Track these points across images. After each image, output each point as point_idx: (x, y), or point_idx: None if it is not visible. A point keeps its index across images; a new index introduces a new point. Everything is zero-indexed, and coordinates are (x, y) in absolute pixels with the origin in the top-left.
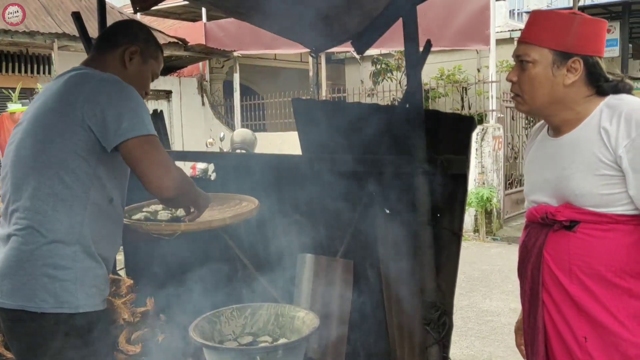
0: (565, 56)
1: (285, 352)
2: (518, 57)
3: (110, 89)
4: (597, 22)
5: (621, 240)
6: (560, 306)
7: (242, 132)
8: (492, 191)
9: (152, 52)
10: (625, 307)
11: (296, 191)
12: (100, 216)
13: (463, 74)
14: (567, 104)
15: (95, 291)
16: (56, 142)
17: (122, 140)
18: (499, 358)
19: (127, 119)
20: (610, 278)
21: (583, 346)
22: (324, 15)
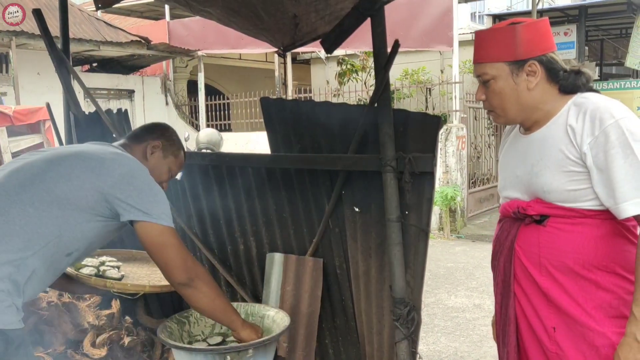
0: (520, 63)
1: (256, 351)
2: (479, 78)
3: (145, 178)
4: (537, 23)
5: (589, 234)
6: (530, 297)
7: (208, 132)
8: (456, 190)
9: (173, 150)
10: (592, 298)
11: (265, 190)
12: (50, 259)
13: (427, 75)
14: (536, 105)
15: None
16: (73, 182)
17: (147, 220)
18: (464, 353)
19: (156, 206)
20: (578, 270)
21: (552, 336)
22: (292, 14)
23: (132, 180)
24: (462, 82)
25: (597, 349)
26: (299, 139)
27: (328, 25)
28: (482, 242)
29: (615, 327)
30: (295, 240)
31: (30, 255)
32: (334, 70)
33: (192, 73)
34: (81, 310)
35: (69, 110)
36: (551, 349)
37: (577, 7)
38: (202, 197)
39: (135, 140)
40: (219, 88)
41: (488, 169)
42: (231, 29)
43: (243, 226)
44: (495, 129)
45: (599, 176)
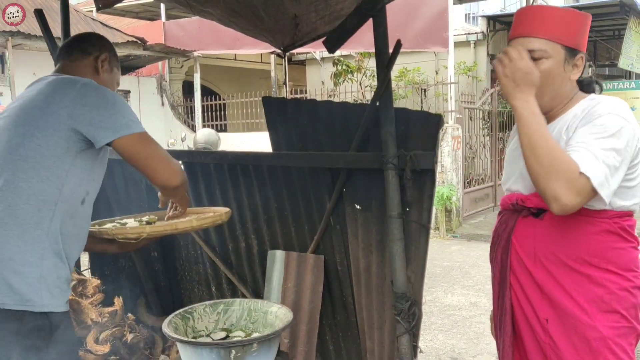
0: (574, 53)
1: (260, 346)
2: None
3: (95, 91)
4: (589, 18)
5: (583, 230)
6: (525, 289)
7: (205, 132)
8: (451, 190)
9: (115, 61)
10: (584, 292)
11: (266, 188)
12: (69, 214)
13: (422, 76)
14: (563, 99)
15: (59, 292)
16: (36, 136)
17: (119, 136)
18: (462, 350)
19: (120, 117)
20: (572, 265)
21: (545, 327)
22: (292, 14)
23: (85, 100)
24: (457, 83)
25: (588, 342)
26: (300, 137)
27: (328, 25)
28: (478, 242)
29: (607, 321)
30: (297, 237)
31: (50, 223)
32: (329, 71)
33: (188, 74)
34: (84, 308)
35: None
36: (544, 339)
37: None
38: (203, 195)
39: (76, 58)
40: (214, 89)
41: (483, 169)
42: (228, 29)
43: (244, 224)
44: (490, 129)
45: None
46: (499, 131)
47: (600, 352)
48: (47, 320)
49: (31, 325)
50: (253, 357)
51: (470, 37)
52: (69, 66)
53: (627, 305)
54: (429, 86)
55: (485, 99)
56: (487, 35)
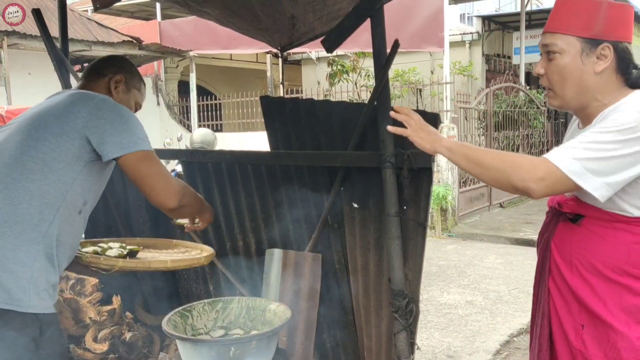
0: (595, 43)
1: (259, 343)
2: (544, 47)
3: (112, 107)
4: (624, 6)
5: (622, 239)
6: (563, 293)
7: (202, 132)
8: (447, 189)
9: (135, 82)
10: (619, 300)
11: (264, 187)
12: (68, 222)
13: (417, 75)
14: (595, 94)
15: (46, 295)
16: (49, 140)
17: (125, 153)
18: (457, 348)
19: (129, 134)
20: (607, 274)
21: (579, 333)
22: (290, 14)
23: (100, 113)
24: (452, 83)
25: (618, 351)
26: (298, 136)
27: (325, 25)
28: (473, 241)
29: (638, 332)
30: (294, 235)
31: (48, 226)
32: (324, 71)
33: (183, 73)
34: (82, 306)
35: None
36: (576, 345)
37: None
38: (201, 194)
39: (94, 78)
40: (209, 88)
41: None
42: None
43: (242, 223)
44: (485, 129)
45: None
46: (494, 131)
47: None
48: (33, 322)
49: (17, 325)
50: (252, 354)
51: (465, 37)
52: (87, 85)
53: None
54: (424, 86)
55: (480, 99)
56: (482, 35)
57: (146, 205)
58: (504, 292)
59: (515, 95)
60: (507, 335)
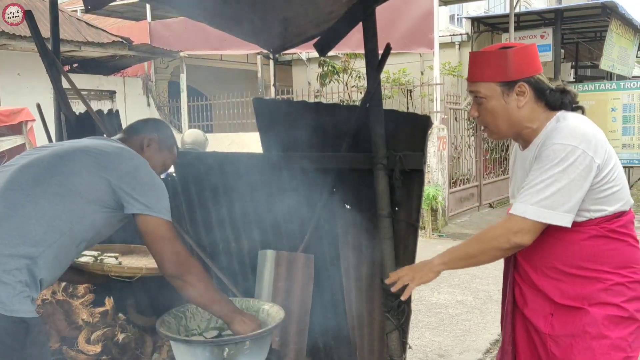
0: (511, 84)
1: (252, 343)
2: (472, 94)
3: (148, 171)
4: (526, 47)
5: (573, 238)
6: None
7: (193, 133)
8: (437, 190)
9: (168, 144)
10: (581, 288)
11: (257, 188)
12: (63, 251)
13: (407, 76)
14: (524, 123)
15: (29, 301)
16: (82, 176)
17: (150, 214)
18: (448, 347)
19: (159, 200)
20: (567, 270)
21: (549, 320)
22: (282, 17)
23: (137, 173)
24: (442, 84)
25: (583, 326)
26: (291, 138)
27: (317, 28)
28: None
29: (601, 309)
30: (287, 237)
31: (47, 248)
32: (315, 71)
33: (173, 74)
34: (75, 308)
35: (60, 110)
36: (545, 330)
37: (554, 10)
38: (194, 196)
39: (132, 134)
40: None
41: (468, 169)
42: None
43: (235, 224)
44: (475, 130)
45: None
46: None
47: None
48: (19, 324)
49: (2, 327)
50: (246, 354)
51: (455, 38)
52: (125, 140)
53: (624, 298)
54: (414, 87)
55: (470, 100)
56: (471, 37)
57: None
58: (493, 291)
59: None
60: (497, 334)
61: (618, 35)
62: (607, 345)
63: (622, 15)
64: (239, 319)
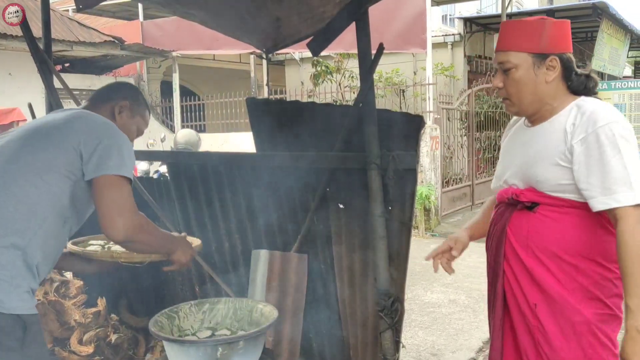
0: (543, 56)
1: (246, 343)
2: (501, 65)
3: (109, 129)
4: (562, 22)
5: (573, 223)
6: (517, 276)
7: (186, 133)
8: (430, 189)
9: (140, 110)
10: (572, 280)
11: (250, 188)
12: (52, 234)
13: (400, 76)
14: (547, 99)
15: (28, 297)
16: (49, 151)
17: (100, 175)
18: (441, 346)
19: (113, 158)
20: (561, 255)
21: (534, 311)
22: (275, 17)
23: (99, 134)
24: (435, 84)
25: (573, 325)
26: (284, 138)
27: (310, 28)
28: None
29: (591, 307)
30: (280, 236)
31: (34, 235)
32: (308, 71)
33: (166, 74)
34: (67, 309)
35: (52, 110)
36: (533, 322)
37: (545, 10)
38: (187, 196)
39: (100, 101)
40: (192, 89)
41: (461, 169)
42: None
43: (228, 224)
44: (467, 130)
45: (584, 169)
46: (476, 131)
47: (583, 334)
48: (17, 322)
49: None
50: (239, 354)
51: (447, 38)
52: (92, 108)
53: (610, 295)
54: (407, 87)
55: (462, 100)
56: (463, 37)
57: None
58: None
59: (496, 96)
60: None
61: (609, 35)
62: (598, 345)
63: (613, 16)
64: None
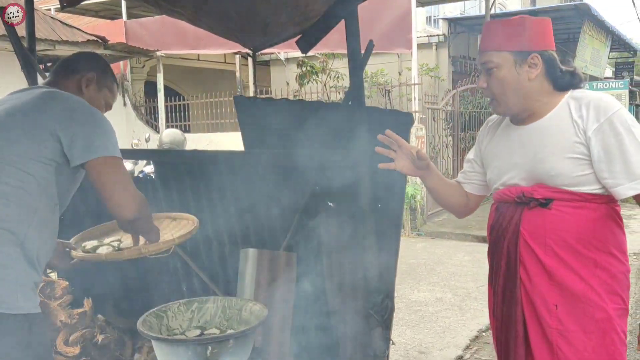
0: (524, 55)
1: (236, 342)
2: (484, 65)
3: (84, 110)
4: (543, 20)
5: (588, 216)
6: (533, 278)
7: (171, 133)
8: (416, 189)
9: (107, 82)
10: (593, 274)
11: (238, 186)
12: (44, 224)
13: (386, 76)
14: (534, 96)
15: (32, 295)
16: (22, 142)
17: (91, 158)
18: (429, 344)
19: (97, 139)
20: (579, 249)
21: (553, 313)
22: (263, 15)
23: (74, 114)
24: (420, 84)
25: (596, 322)
26: (272, 136)
27: (298, 26)
28: (442, 239)
29: (612, 302)
30: (269, 235)
31: (28, 228)
32: (293, 72)
33: (150, 74)
34: (53, 309)
35: None
36: (552, 324)
37: (527, 12)
38: (174, 194)
39: (65, 75)
40: (177, 89)
41: (446, 169)
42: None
43: (216, 223)
44: (452, 129)
45: (605, 158)
46: (461, 131)
47: (607, 332)
48: (23, 322)
49: (6, 326)
50: (229, 353)
51: (432, 39)
52: (57, 82)
53: (624, 288)
54: (392, 87)
55: (447, 100)
56: (448, 38)
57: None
58: (472, 288)
59: (481, 97)
60: (476, 330)
61: (590, 36)
62: (618, 341)
63: (595, 17)
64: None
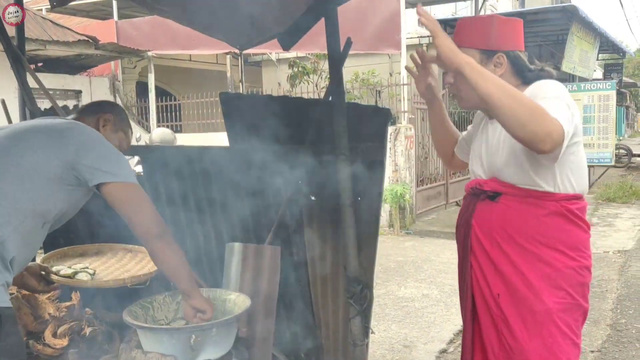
0: (490, 53)
1: (219, 330)
2: None
3: (103, 141)
4: (513, 20)
5: (534, 212)
6: (482, 267)
7: (161, 132)
8: (405, 188)
9: (123, 125)
10: (534, 269)
11: (223, 181)
12: (30, 233)
13: (376, 77)
14: None
15: (3, 291)
16: (38, 155)
17: (116, 181)
18: (414, 338)
19: (120, 167)
20: (523, 244)
21: (497, 301)
22: (248, 14)
23: (94, 144)
24: (410, 84)
25: (534, 314)
26: (256, 131)
27: (283, 25)
28: (430, 238)
29: (553, 296)
30: (254, 229)
31: (11, 231)
32: (285, 72)
33: (141, 74)
34: (41, 303)
35: (25, 106)
36: (496, 312)
37: (516, 13)
38: (161, 189)
39: (85, 114)
40: (168, 89)
41: (435, 168)
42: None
43: (202, 218)
44: None
45: None
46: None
47: (544, 324)
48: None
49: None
50: (212, 342)
51: (422, 40)
52: (79, 119)
53: (573, 283)
54: (383, 87)
55: None
56: None
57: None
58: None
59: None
60: (460, 325)
61: (579, 38)
62: (558, 334)
63: (583, 19)
64: (199, 296)
